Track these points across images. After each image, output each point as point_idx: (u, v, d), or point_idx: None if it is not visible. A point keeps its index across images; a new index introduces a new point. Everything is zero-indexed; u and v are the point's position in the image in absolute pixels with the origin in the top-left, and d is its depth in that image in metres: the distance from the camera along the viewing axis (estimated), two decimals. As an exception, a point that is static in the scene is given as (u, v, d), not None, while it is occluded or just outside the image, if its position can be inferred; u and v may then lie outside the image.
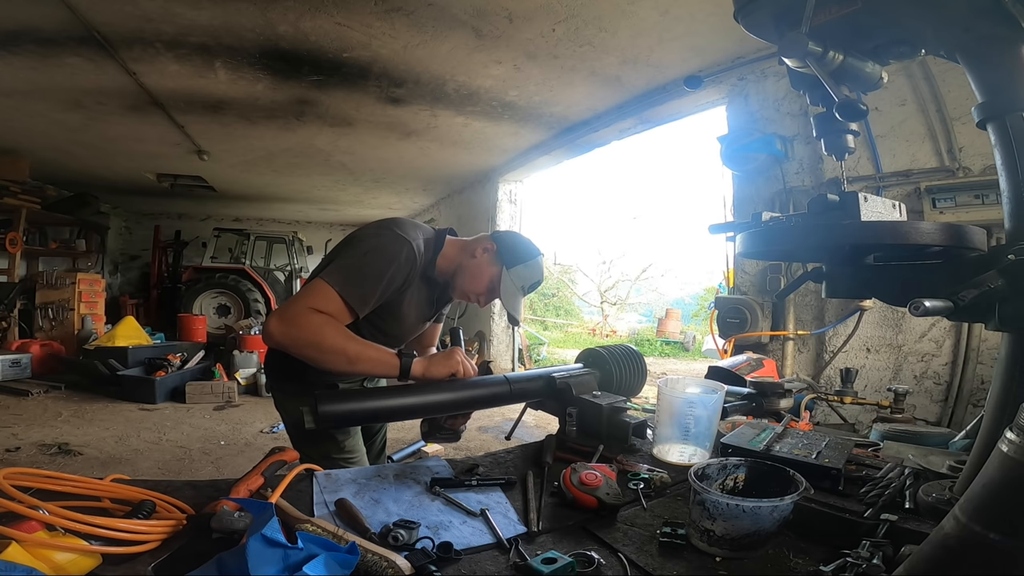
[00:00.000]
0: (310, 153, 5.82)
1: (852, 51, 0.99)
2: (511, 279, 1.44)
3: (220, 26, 3.12)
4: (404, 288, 1.39)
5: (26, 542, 0.66)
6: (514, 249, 1.47)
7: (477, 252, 1.47)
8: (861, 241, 0.98)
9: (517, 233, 1.56)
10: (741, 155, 3.17)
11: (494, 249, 1.47)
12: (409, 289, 1.41)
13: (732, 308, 3.08)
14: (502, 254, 1.46)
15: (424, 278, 1.46)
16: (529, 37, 3.17)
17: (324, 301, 1.23)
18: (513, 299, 1.46)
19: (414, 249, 1.35)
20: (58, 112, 4.60)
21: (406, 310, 1.46)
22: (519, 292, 1.46)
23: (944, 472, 1.01)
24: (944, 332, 2.56)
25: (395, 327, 1.48)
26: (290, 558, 0.65)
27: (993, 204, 2.32)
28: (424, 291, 1.50)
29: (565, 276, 15.72)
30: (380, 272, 1.29)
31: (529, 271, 1.46)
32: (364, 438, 1.63)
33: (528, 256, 1.47)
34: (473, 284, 1.47)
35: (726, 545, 0.81)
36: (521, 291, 1.47)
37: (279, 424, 4.76)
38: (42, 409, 4.94)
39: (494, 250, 1.47)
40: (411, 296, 1.44)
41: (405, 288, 1.39)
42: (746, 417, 1.49)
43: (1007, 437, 0.58)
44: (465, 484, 1.05)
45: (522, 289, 1.46)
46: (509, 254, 1.46)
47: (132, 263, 10.68)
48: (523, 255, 1.46)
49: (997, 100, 0.89)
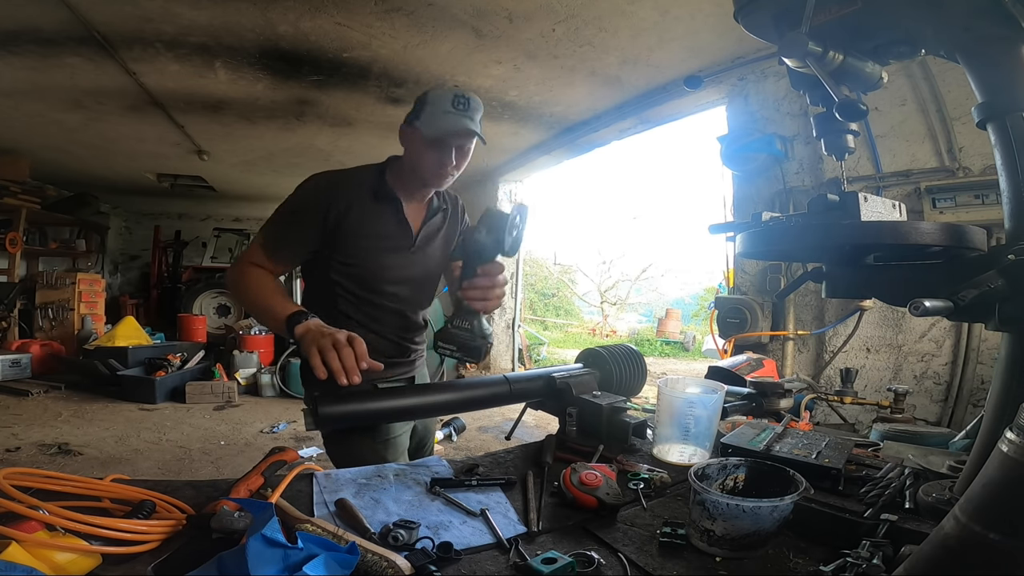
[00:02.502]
0: (310, 153, 5.82)
1: (852, 51, 0.99)
2: (428, 120, 1.37)
3: (220, 26, 3.12)
4: (347, 214, 1.38)
5: (26, 542, 0.66)
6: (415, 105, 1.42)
7: (402, 143, 1.46)
8: (861, 241, 0.98)
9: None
10: (741, 155, 3.17)
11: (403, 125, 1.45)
12: (352, 212, 1.39)
13: (732, 308, 3.08)
14: (409, 119, 1.43)
15: (378, 197, 1.44)
16: (529, 37, 3.16)
17: (251, 252, 1.41)
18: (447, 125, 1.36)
19: (321, 177, 1.43)
20: (58, 112, 4.60)
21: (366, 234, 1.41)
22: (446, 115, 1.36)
23: (944, 472, 1.01)
24: (944, 332, 2.56)
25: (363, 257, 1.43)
26: (290, 558, 0.65)
27: (993, 204, 2.32)
28: (385, 211, 1.45)
29: (565, 276, 15.72)
30: (285, 209, 1.42)
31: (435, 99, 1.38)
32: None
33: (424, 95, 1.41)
34: (414, 161, 1.43)
35: (726, 545, 0.81)
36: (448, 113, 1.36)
37: (279, 424, 4.76)
38: (42, 409, 4.94)
39: (403, 126, 1.45)
40: (362, 219, 1.41)
41: (348, 214, 1.38)
42: (746, 417, 1.48)
43: (1007, 437, 0.58)
44: (465, 484, 1.05)
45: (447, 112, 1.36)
46: (412, 113, 1.42)
47: (132, 263, 10.67)
48: (420, 100, 1.41)
49: (997, 100, 0.89)
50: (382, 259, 1.45)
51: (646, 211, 24.39)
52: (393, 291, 1.48)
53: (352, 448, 1.35)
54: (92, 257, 8.90)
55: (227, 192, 8.53)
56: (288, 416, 5.03)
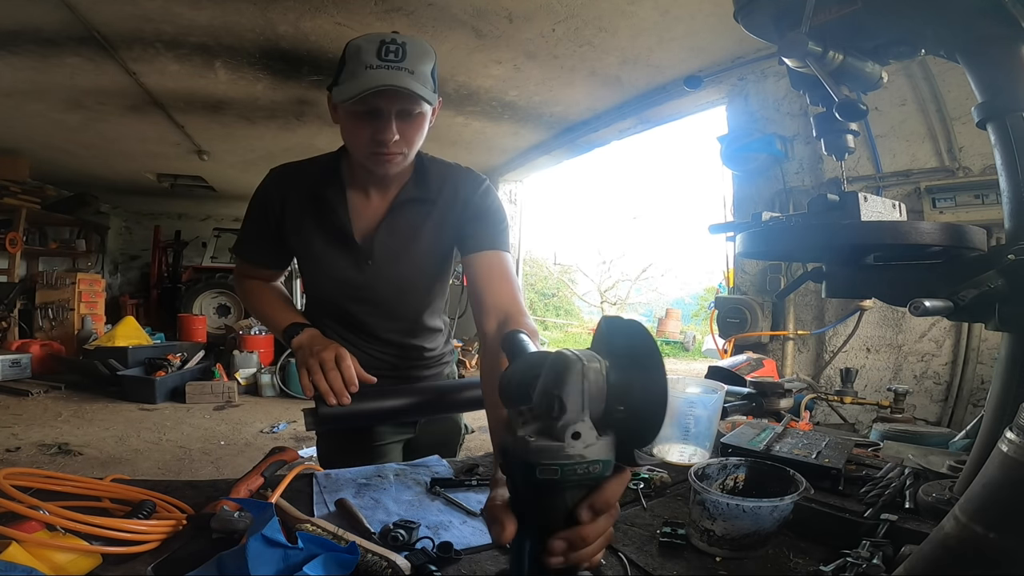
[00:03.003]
0: (310, 153, 5.74)
1: (852, 51, 0.99)
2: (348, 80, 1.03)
3: (220, 26, 3.12)
4: (293, 216, 1.18)
5: (26, 542, 0.66)
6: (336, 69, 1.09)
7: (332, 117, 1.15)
8: (861, 241, 0.98)
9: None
10: (741, 155, 3.17)
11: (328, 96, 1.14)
12: (297, 217, 1.18)
13: (732, 308, 3.08)
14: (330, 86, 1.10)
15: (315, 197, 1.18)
16: (529, 37, 3.17)
17: (238, 264, 1.38)
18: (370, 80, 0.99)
19: (275, 171, 1.23)
20: (58, 112, 4.60)
21: (312, 243, 1.20)
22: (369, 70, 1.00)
23: (944, 472, 1.01)
24: (944, 332, 2.56)
25: (313, 272, 1.24)
26: (290, 558, 0.65)
27: (993, 204, 2.32)
28: (326, 214, 1.18)
29: (565, 276, 15.71)
30: (247, 214, 1.27)
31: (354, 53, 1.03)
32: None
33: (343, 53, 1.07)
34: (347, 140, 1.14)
35: (726, 545, 0.81)
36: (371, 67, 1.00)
37: (279, 424, 4.76)
38: (42, 409, 4.94)
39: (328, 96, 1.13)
40: (306, 225, 1.19)
41: (293, 216, 1.18)
42: (746, 417, 1.48)
43: (1007, 437, 0.58)
44: (465, 484, 1.05)
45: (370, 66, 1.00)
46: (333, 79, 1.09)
47: (132, 263, 10.67)
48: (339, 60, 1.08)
49: (997, 100, 0.89)
50: (328, 272, 1.21)
51: (646, 211, 24.35)
52: (357, 309, 1.24)
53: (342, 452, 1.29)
54: (92, 257, 8.90)
55: (227, 192, 8.53)
56: (288, 416, 5.03)
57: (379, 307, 1.25)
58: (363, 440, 1.30)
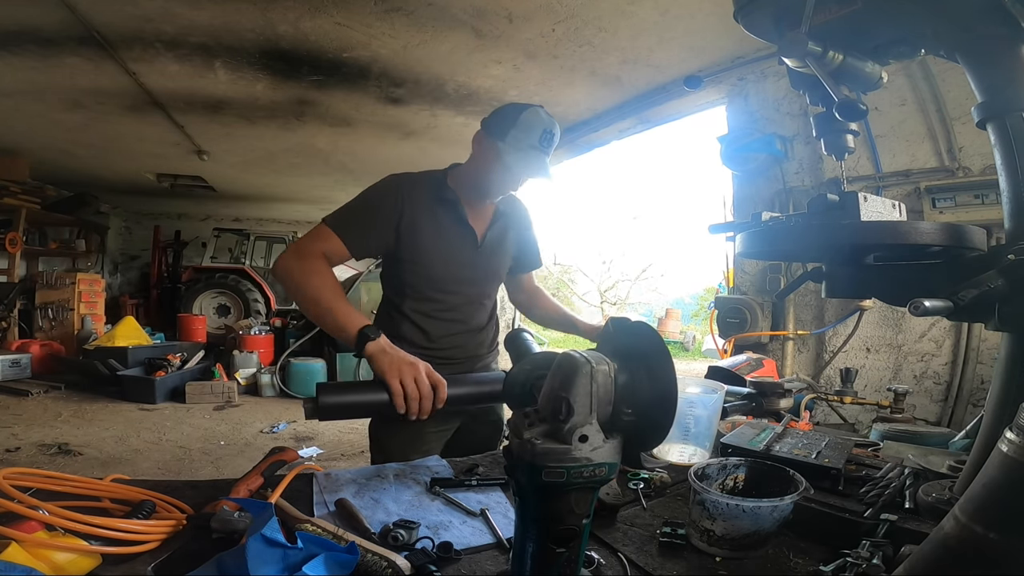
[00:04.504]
0: (310, 153, 5.82)
1: (852, 51, 0.99)
2: (513, 145, 1.35)
3: (220, 26, 3.12)
4: (415, 215, 1.41)
5: (26, 542, 0.66)
6: (501, 118, 1.39)
7: (473, 147, 1.45)
8: (861, 241, 0.98)
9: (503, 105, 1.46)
10: (741, 155, 3.17)
11: (482, 133, 1.43)
12: (420, 216, 1.42)
13: (732, 308, 3.08)
14: (491, 129, 1.39)
15: (439, 200, 1.45)
16: (529, 37, 3.16)
17: (323, 241, 1.35)
18: (529, 161, 1.36)
19: (399, 178, 1.45)
20: (58, 112, 4.60)
21: (430, 236, 1.43)
22: (531, 150, 1.36)
23: (944, 472, 1.01)
24: (944, 332, 2.56)
25: (428, 259, 1.44)
26: (290, 558, 0.65)
27: (993, 204, 2.32)
28: (448, 213, 1.46)
29: (565, 276, 15.71)
30: (365, 202, 1.41)
31: (526, 126, 1.35)
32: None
33: (516, 114, 1.37)
34: (482, 174, 1.43)
35: (726, 545, 0.81)
36: (533, 148, 1.36)
37: (279, 424, 4.76)
38: (42, 409, 4.95)
39: (483, 133, 1.43)
40: (428, 222, 1.43)
41: (415, 215, 1.41)
42: (746, 417, 1.48)
43: (1007, 437, 0.58)
44: (465, 484, 1.05)
45: (532, 147, 1.36)
46: (497, 126, 1.38)
47: (132, 263, 10.68)
48: (510, 117, 1.37)
49: (997, 100, 0.89)
50: (435, 257, 1.45)
51: (646, 211, 24.40)
52: (455, 290, 1.49)
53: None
54: (92, 257, 8.90)
55: (227, 192, 8.53)
56: (288, 416, 5.04)
57: (474, 287, 1.53)
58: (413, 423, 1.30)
